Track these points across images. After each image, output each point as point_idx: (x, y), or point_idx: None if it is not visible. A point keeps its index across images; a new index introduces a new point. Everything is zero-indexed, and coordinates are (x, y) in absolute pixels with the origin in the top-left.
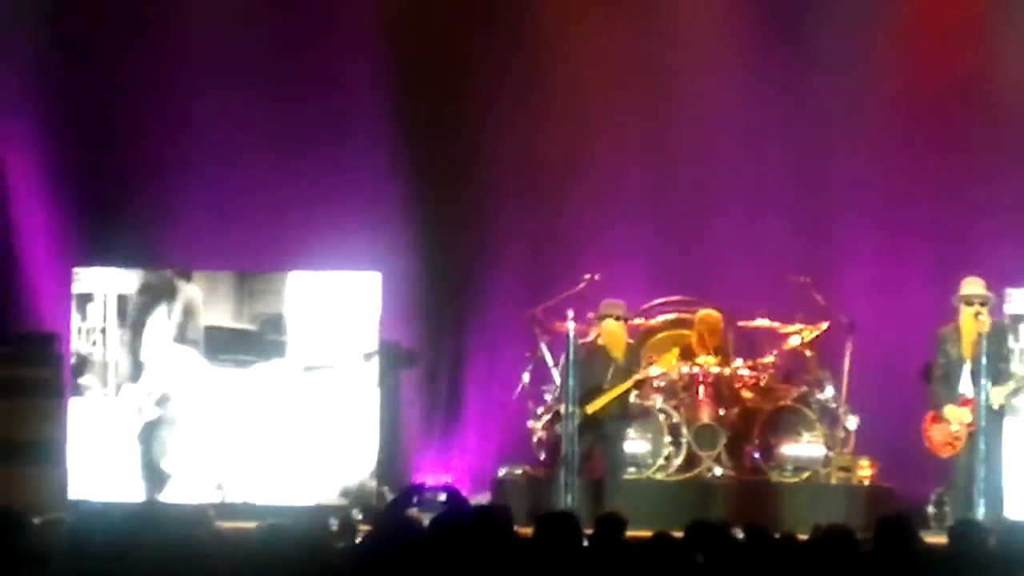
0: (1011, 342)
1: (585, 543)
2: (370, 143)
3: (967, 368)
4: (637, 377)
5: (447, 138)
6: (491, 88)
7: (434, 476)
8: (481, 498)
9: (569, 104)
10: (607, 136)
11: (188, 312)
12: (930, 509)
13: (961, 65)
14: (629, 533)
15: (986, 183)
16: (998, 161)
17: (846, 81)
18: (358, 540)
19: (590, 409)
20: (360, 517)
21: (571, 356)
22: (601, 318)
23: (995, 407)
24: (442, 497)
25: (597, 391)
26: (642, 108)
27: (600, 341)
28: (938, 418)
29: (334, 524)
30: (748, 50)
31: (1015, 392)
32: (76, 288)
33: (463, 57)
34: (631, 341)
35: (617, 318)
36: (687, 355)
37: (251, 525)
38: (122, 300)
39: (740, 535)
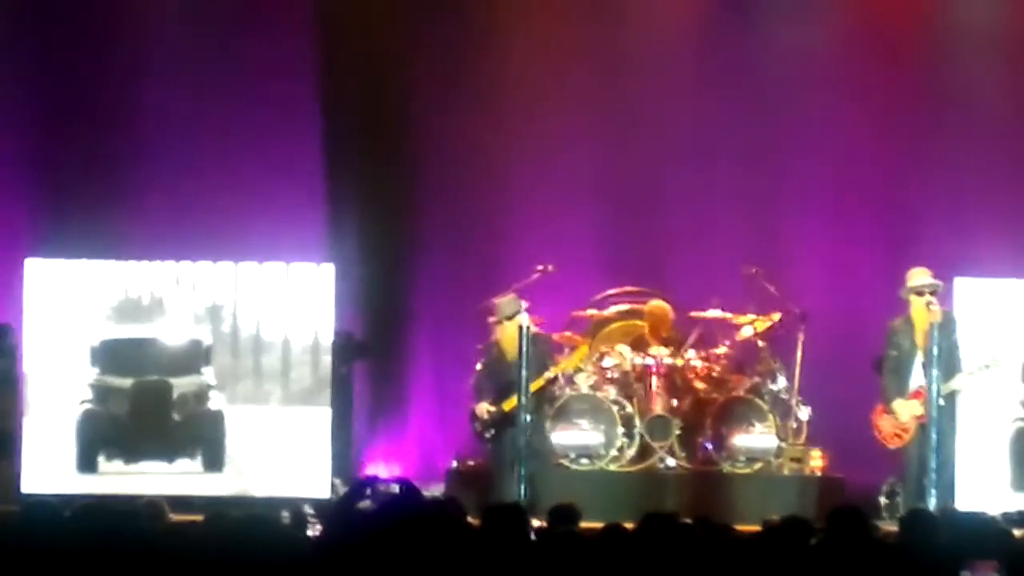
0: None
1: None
2: (320, 135)
3: (919, 359)
4: (549, 374)
5: (400, 130)
6: (443, 78)
7: (387, 468)
8: (434, 490)
9: (520, 94)
10: (560, 126)
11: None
12: (882, 500)
13: (908, 58)
14: (583, 524)
15: (936, 174)
16: (948, 151)
17: (798, 73)
18: (310, 533)
19: (506, 406)
20: (311, 510)
21: (524, 347)
22: (497, 322)
23: (957, 390)
24: (395, 489)
25: (509, 388)
26: (594, 98)
27: (501, 343)
28: (887, 409)
29: (286, 517)
30: (700, 41)
31: (985, 369)
32: (28, 278)
33: (411, 48)
34: (534, 330)
35: (510, 317)
36: (640, 346)
37: (203, 518)
38: (73, 291)
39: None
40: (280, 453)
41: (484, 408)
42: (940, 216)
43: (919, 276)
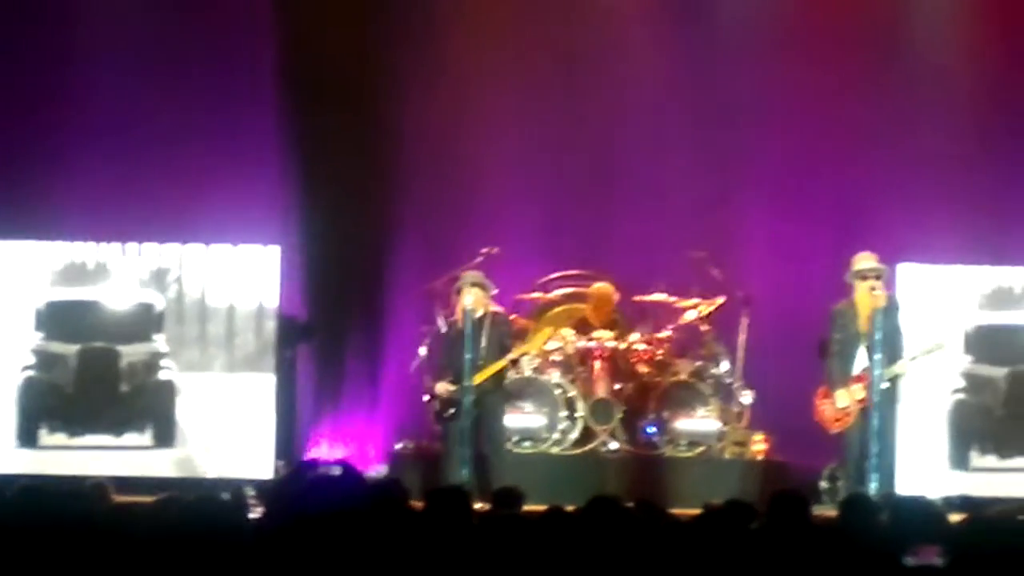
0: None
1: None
2: (268, 117)
3: (862, 344)
4: (510, 357)
5: (347, 112)
6: (390, 62)
7: (330, 450)
8: (378, 472)
9: (467, 77)
10: (506, 110)
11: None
12: (823, 484)
13: (859, 43)
14: (526, 507)
15: (882, 159)
16: (895, 137)
17: (747, 57)
18: (251, 515)
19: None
20: (253, 492)
21: (469, 329)
22: (457, 292)
23: (900, 374)
24: (337, 471)
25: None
26: (541, 81)
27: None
28: (829, 393)
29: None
30: (649, 25)
31: (927, 353)
32: None
33: (362, 32)
34: (492, 310)
35: (472, 285)
36: (583, 329)
37: (149, 499)
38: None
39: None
40: (225, 432)
41: (444, 387)
42: (886, 201)
43: (864, 261)
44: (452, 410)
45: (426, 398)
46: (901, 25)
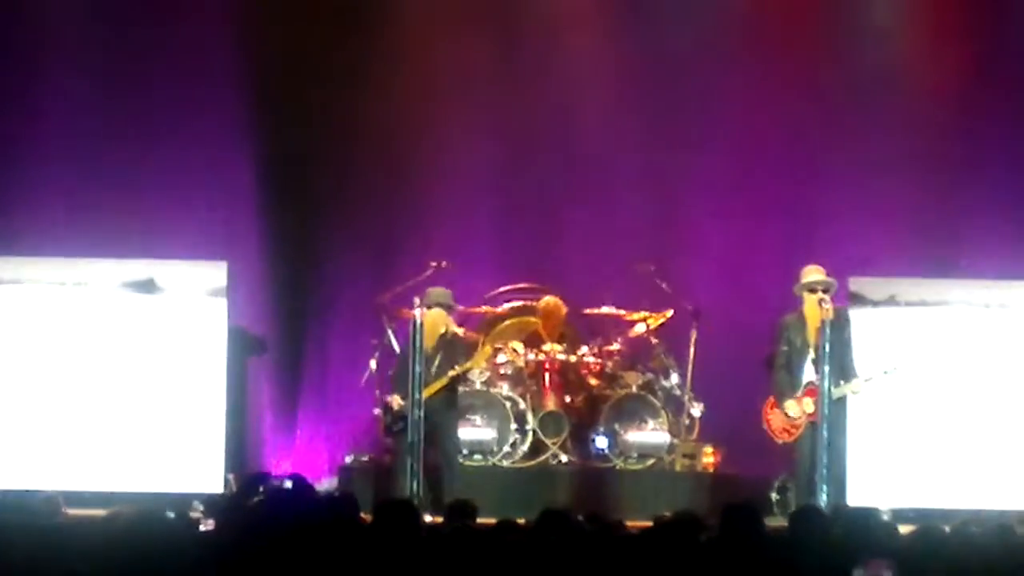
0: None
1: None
2: (219, 132)
3: (810, 356)
4: (452, 373)
5: (297, 127)
6: (342, 77)
7: (281, 463)
8: (328, 485)
9: (420, 93)
10: (456, 125)
11: None
12: (773, 496)
13: (810, 57)
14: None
15: (833, 173)
16: (846, 151)
17: (693, 70)
18: (202, 528)
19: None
20: (201, 507)
21: (417, 343)
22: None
23: (855, 392)
24: (288, 485)
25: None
26: (492, 97)
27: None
28: (778, 405)
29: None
30: (601, 40)
31: (884, 375)
32: None
33: (315, 47)
34: (452, 330)
35: (429, 307)
36: (533, 342)
37: (100, 513)
38: None
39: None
40: (174, 447)
41: (397, 400)
42: (836, 215)
43: (812, 273)
44: (402, 423)
45: (377, 411)
46: (850, 33)
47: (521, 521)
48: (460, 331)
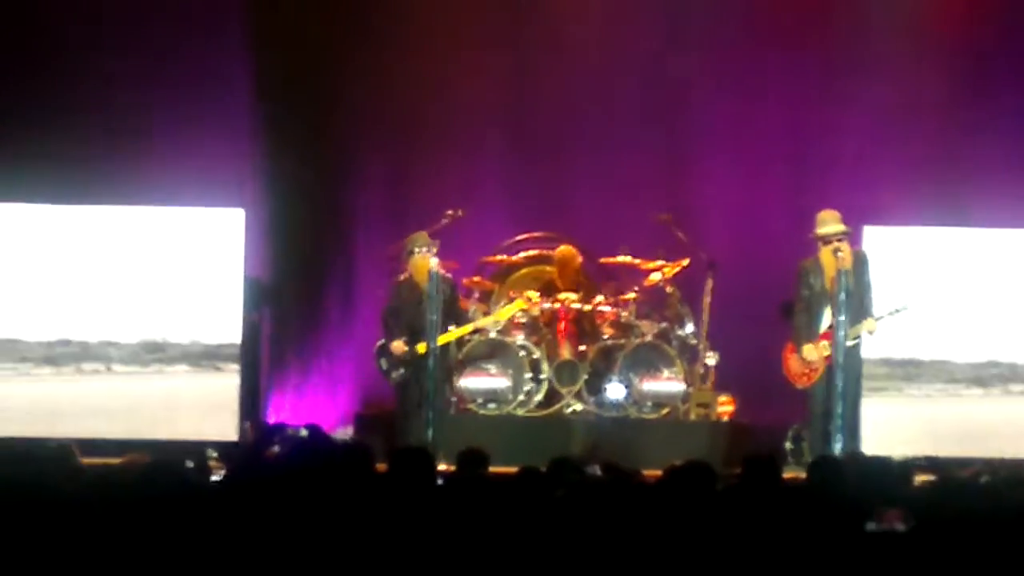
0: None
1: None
2: (231, 83)
3: (828, 303)
4: (475, 325)
5: (313, 77)
6: (351, 27)
7: (297, 413)
8: (344, 434)
9: (429, 43)
10: (468, 73)
11: None
12: (788, 445)
13: (817, 4)
14: (491, 469)
15: (844, 120)
16: (856, 98)
17: (703, 13)
18: (215, 478)
19: (420, 348)
20: (216, 455)
21: (434, 291)
22: (409, 253)
23: (861, 335)
24: (304, 434)
25: (423, 330)
26: (503, 44)
27: (414, 278)
28: (796, 349)
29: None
30: None
31: (895, 313)
32: None
33: (324, 4)
34: (443, 273)
35: (421, 252)
36: (548, 291)
37: (114, 461)
38: None
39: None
40: (189, 395)
41: (400, 345)
42: (848, 162)
43: (827, 224)
44: (401, 370)
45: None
46: None
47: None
48: (448, 274)
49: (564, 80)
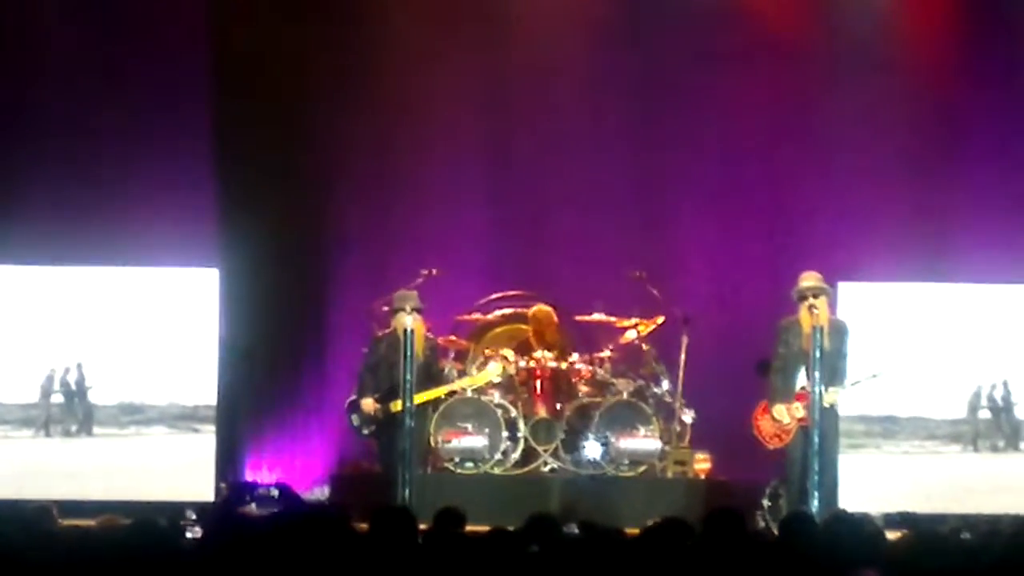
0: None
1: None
2: (206, 139)
3: (804, 362)
4: (453, 386)
5: (287, 135)
6: (330, 83)
7: (269, 473)
8: (320, 493)
9: (407, 100)
10: (445, 132)
11: None
12: (765, 502)
13: (798, 63)
14: (468, 528)
15: (822, 179)
16: (834, 156)
17: (683, 77)
18: (190, 537)
19: (394, 407)
20: (193, 516)
21: (410, 350)
22: (395, 312)
23: (827, 405)
24: (275, 493)
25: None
26: (480, 105)
27: (396, 334)
28: (768, 409)
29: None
30: (588, 48)
31: (871, 378)
32: None
33: (300, 53)
34: (428, 335)
35: (408, 311)
36: (524, 350)
37: (92, 523)
38: None
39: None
40: (167, 457)
41: (371, 404)
42: (826, 220)
43: (805, 280)
44: (373, 428)
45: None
46: (837, 39)
47: (511, 528)
48: (431, 335)
49: (542, 140)
